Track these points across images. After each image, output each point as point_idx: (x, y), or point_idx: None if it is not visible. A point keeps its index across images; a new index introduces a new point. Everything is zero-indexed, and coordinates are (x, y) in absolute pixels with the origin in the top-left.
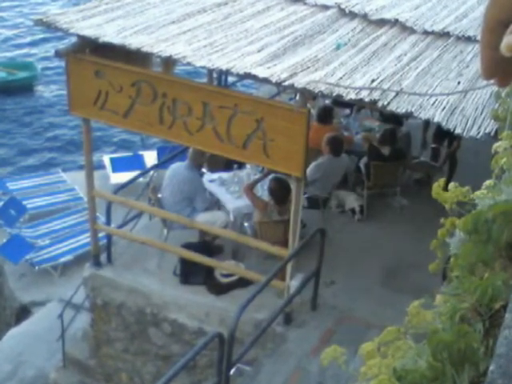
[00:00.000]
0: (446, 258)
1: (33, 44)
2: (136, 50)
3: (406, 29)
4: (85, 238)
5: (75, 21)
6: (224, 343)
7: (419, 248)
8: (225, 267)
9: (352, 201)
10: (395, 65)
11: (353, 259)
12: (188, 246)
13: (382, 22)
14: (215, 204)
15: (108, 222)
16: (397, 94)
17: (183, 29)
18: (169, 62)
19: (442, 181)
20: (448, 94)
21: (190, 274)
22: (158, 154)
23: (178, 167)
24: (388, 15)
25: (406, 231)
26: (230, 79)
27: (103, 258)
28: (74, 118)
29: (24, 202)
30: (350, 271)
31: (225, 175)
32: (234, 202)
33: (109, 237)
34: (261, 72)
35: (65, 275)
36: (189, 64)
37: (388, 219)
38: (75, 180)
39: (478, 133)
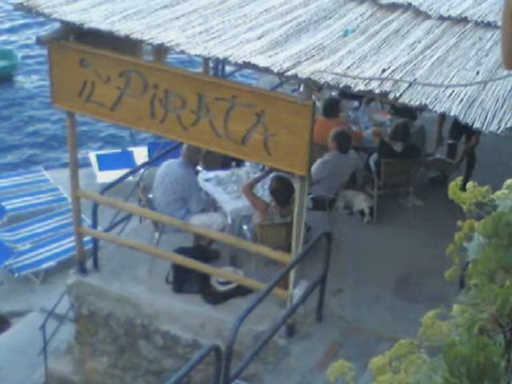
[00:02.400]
0: (464, 264)
1: (12, 30)
2: (125, 36)
3: (419, 14)
4: (69, 243)
5: (58, 5)
6: (221, 357)
7: (434, 253)
8: (222, 274)
9: (361, 201)
10: (408, 53)
11: (361, 265)
12: (182, 251)
13: (393, 7)
14: (211, 205)
15: (94, 225)
16: (410, 85)
17: (176, 14)
18: (161, 50)
19: (459, 180)
20: (466, 85)
21: (183, 281)
22: (149, 151)
23: (170, 165)
24: None
25: (419, 235)
26: (228, 69)
27: (89, 263)
28: (57, 111)
29: (2, 203)
30: (359, 278)
31: (222, 174)
32: (231, 202)
33: (95, 241)
34: (261, 61)
35: (47, 283)
36: (182, 52)
37: (400, 221)
38: (58, 179)
39: (499, 127)
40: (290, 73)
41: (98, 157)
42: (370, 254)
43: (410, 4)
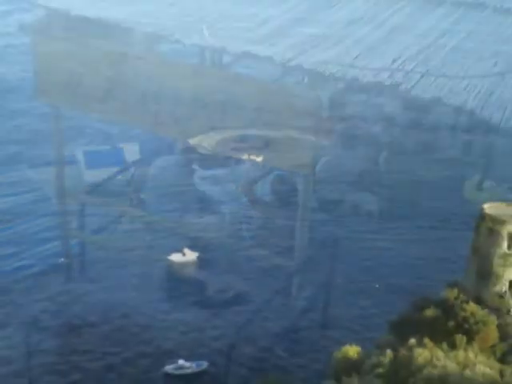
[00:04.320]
0: None
1: None
2: (114, 24)
3: None
4: (54, 246)
5: None
6: (219, 372)
7: (451, 256)
8: None
9: (369, 202)
10: (420, 42)
11: (370, 270)
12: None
13: None
14: (208, 205)
15: (81, 227)
16: (422, 76)
17: (170, 0)
18: (153, 39)
19: (475, 179)
20: (483, 77)
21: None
22: (141, 147)
23: (164, 163)
24: None
25: (434, 236)
26: (226, 59)
27: (76, 269)
28: (41, 105)
29: None
30: (367, 284)
31: (220, 172)
32: (230, 203)
33: (82, 244)
34: (262, 50)
35: (30, 290)
36: (177, 41)
37: (411, 223)
38: (43, 178)
39: None
40: (293, 63)
41: (86, 153)
42: (380, 258)
43: None
